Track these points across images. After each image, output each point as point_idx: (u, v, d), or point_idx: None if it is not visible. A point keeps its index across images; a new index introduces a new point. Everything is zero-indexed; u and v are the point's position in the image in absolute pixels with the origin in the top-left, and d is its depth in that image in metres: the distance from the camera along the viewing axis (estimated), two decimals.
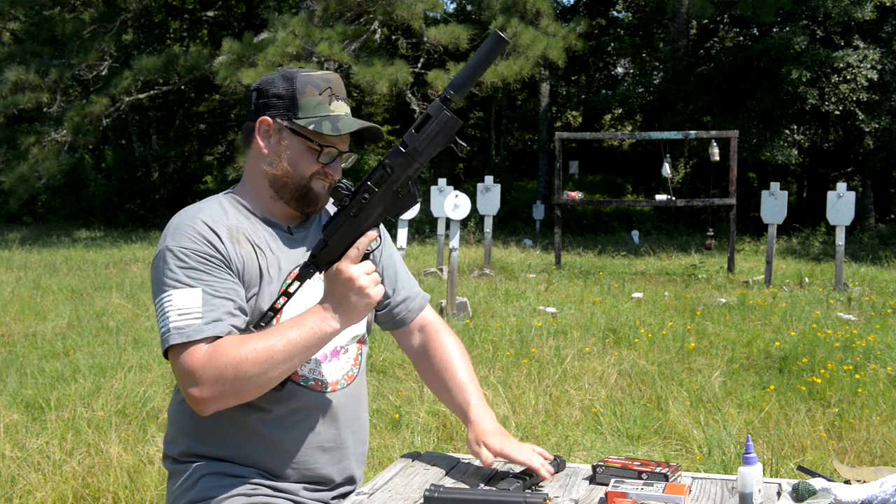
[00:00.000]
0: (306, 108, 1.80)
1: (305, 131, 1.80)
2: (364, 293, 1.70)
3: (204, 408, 1.69)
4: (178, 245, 1.74)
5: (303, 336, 1.70)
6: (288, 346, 1.68)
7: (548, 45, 16.10)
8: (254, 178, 1.88)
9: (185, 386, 1.69)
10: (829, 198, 10.44)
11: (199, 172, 25.79)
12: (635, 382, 5.50)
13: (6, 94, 17.27)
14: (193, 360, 1.67)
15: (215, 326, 1.69)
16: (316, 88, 1.81)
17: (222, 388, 1.67)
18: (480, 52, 1.67)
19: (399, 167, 1.70)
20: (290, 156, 1.82)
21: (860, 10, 18.35)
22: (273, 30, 16.13)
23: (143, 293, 9.45)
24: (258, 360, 1.66)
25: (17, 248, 15.59)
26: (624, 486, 1.71)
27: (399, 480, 1.90)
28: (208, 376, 1.66)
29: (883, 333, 6.91)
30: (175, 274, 1.72)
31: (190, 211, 1.82)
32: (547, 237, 18.80)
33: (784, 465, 3.94)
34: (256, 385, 1.69)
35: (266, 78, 1.86)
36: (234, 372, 1.66)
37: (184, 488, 1.84)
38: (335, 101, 1.83)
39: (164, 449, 1.94)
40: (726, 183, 12.73)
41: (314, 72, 1.84)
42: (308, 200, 1.86)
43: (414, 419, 4.57)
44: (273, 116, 1.82)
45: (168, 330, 1.68)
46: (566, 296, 9.48)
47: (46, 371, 5.79)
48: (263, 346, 1.67)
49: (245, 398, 1.73)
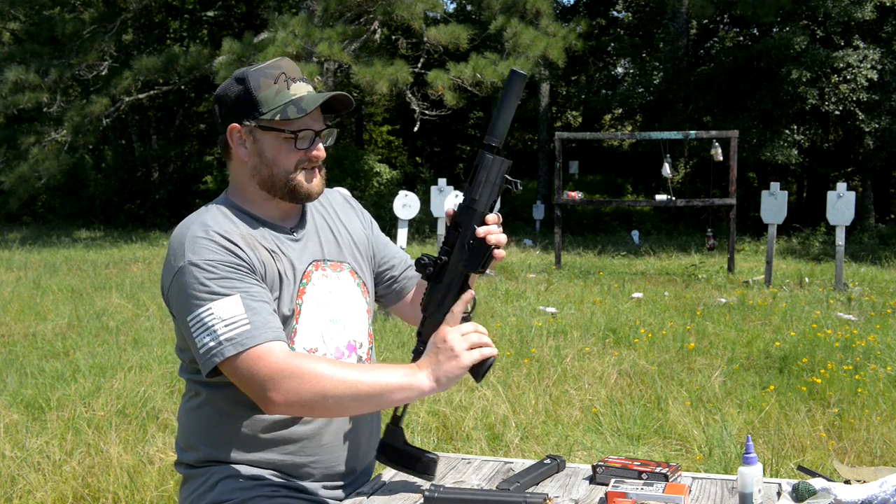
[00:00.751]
0: (267, 102, 1.78)
1: (273, 123, 1.78)
2: (453, 353, 1.68)
3: (275, 410, 1.68)
4: (201, 258, 1.71)
5: (390, 383, 1.67)
6: (376, 385, 1.67)
7: (548, 45, 16.10)
8: (243, 185, 1.86)
9: (259, 390, 1.65)
10: (829, 198, 10.43)
11: (199, 172, 25.78)
12: (635, 382, 5.50)
13: (6, 94, 17.28)
14: (267, 366, 1.64)
15: (266, 330, 1.67)
16: (270, 79, 1.79)
17: (298, 400, 1.65)
18: (504, 93, 1.69)
19: (464, 222, 1.73)
20: (269, 153, 1.80)
21: (860, 10, 18.35)
22: (273, 30, 16.13)
23: (143, 293, 9.45)
24: (343, 386, 1.65)
25: (17, 248, 15.58)
26: (624, 486, 1.71)
27: (399, 480, 1.90)
28: (286, 387, 1.64)
29: (883, 333, 6.91)
30: (208, 286, 1.68)
31: (197, 223, 1.78)
32: (547, 237, 18.79)
33: (784, 465, 3.94)
34: (331, 408, 1.69)
35: (222, 86, 1.84)
36: (314, 390, 1.65)
37: (202, 491, 1.83)
38: (293, 84, 1.80)
39: (178, 455, 1.92)
40: (726, 183, 12.74)
41: (263, 63, 1.82)
42: (299, 192, 1.84)
43: (414, 419, 4.57)
44: (240, 121, 1.80)
45: (219, 343, 1.65)
46: (566, 296, 9.48)
47: (46, 371, 5.78)
48: (352, 378, 1.66)
49: (317, 415, 1.76)
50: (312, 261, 1.88)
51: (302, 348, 1.82)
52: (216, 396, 1.82)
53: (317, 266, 1.89)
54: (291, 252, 1.85)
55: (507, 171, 1.71)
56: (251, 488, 1.80)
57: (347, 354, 1.89)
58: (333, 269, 1.92)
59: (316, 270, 1.88)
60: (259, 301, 1.70)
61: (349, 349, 1.90)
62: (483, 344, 1.70)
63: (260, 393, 1.65)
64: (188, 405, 1.89)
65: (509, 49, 16.59)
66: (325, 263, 1.91)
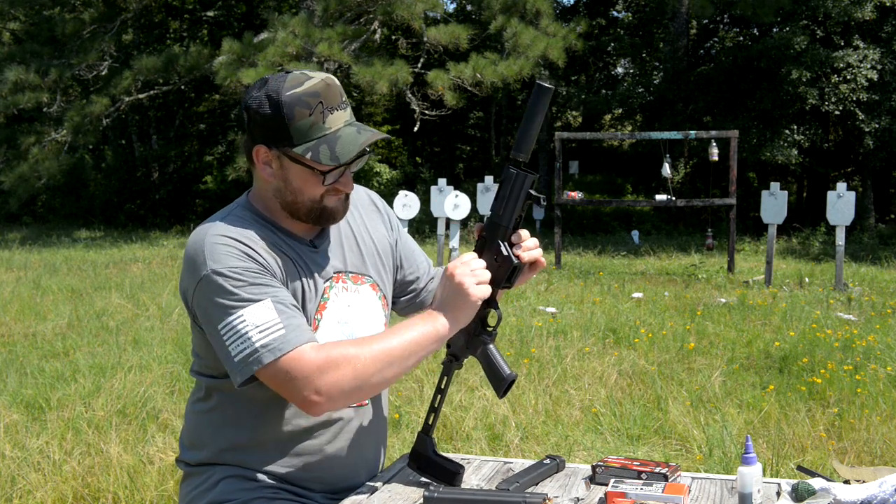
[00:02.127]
0: (300, 133, 1.68)
1: (303, 160, 1.71)
2: (462, 289, 1.71)
3: (320, 410, 1.67)
4: (225, 266, 1.66)
5: (415, 337, 1.70)
6: (403, 344, 1.69)
7: (548, 45, 16.10)
8: (266, 196, 1.80)
9: (300, 393, 1.64)
10: (829, 198, 10.43)
11: (199, 172, 25.77)
12: (635, 382, 5.50)
13: (6, 94, 17.27)
14: (304, 367, 1.63)
15: (300, 332, 1.65)
16: (306, 108, 1.68)
17: (341, 390, 1.65)
18: (530, 106, 1.70)
19: (490, 237, 1.75)
20: (295, 183, 1.74)
21: (860, 10, 18.35)
22: (273, 30, 16.13)
23: (143, 293, 9.45)
24: (376, 359, 1.66)
25: (17, 248, 15.58)
26: (623, 486, 1.71)
27: (399, 480, 1.90)
28: (327, 381, 1.63)
29: (883, 333, 6.91)
30: (236, 294, 1.64)
31: (216, 229, 1.73)
32: (547, 237, 18.77)
33: (784, 465, 3.94)
34: (374, 385, 1.68)
35: (252, 95, 1.72)
36: (352, 374, 1.64)
37: (203, 489, 1.83)
38: (329, 115, 1.70)
39: (181, 452, 1.91)
40: (726, 183, 12.73)
41: (300, 87, 1.68)
42: (325, 216, 1.80)
43: (414, 419, 4.57)
44: (268, 145, 1.72)
45: (256, 350, 1.62)
46: (566, 296, 9.48)
47: (46, 371, 5.78)
48: (380, 348, 1.67)
49: (360, 398, 1.76)
50: (334, 272, 1.85)
51: None
52: (226, 403, 1.81)
53: (338, 278, 1.85)
54: (312, 263, 1.82)
55: (533, 185, 1.72)
56: (253, 489, 1.80)
57: None
58: (354, 282, 1.89)
59: (337, 283, 1.85)
60: (288, 304, 1.68)
61: None
62: (480, 280, 1.73)
63: (300, 396, 1.64)
64: (197, 406, 1.88)
65: (509, 49, 16.58)
66: (347, 275, 1.88)
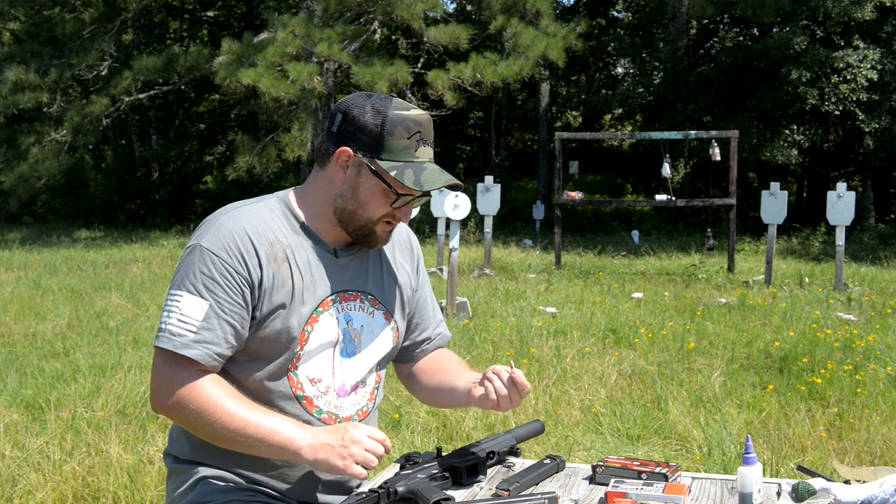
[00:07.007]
0: (391, 151, 1.71)
1: (386, 176, 1.72)
2: (344, 451, 1.65)
3: (156, 411, 1.76)
4: (210, 249, 1.70)
5: (272, 440, 1.67)
6: (259, 433, 1.68)
7: (548, 45, 16.10)
8: (318, 198, 1.80)
9: (157, 389, 1.71)
10: (829, 198, 10.44)
11: (199, 172, 25.79)
12: (635, 382, 5.50)
13: (6, 94, 17.27)
14: (173, 376, 1.69)
15: (202, 348, 1.68)
16: (406, 131, 1.71)
17: (179, 419, 1.73)
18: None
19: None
20: (364, 194, 1.75)
21: (860, 10, 18.36)
22: (273, 30, 16.14)
23: (143, 293, 9.45)
24: (225, 428, 1.67)
25: (17, 248, 15.58)
26: (624, 486, 1.71)
27: None
28: (176, 406, 1.69)
29: (883, 333, 6.91)
30: (195, 277, 1.70)
31: (237, 214, 1.76)
32: (547, 237, 18.80)
33: (784, 465, 3.94)
34: (204, 435, 1.73)
35: (356, 102, 1.75)
36: (195, 421, 1.69)
37: (183, 490, 1.85)
38: (422, 147, 1.74)
39: (168, 445, 1.93)
40: (726, 183, 12.73)
41: (407, 111, 1.73)
42: (370, 239, 1.81)
43: (414, 419, 4.57)
44: (355, 150, 1.73)
45: (163, 329, 1.69)
46: (566, 296, 9.48)
47: (46, 371, 5.78)
48: (237, 424, 1.67)
49: (194, 434, 1.78)
50: (348, 290, 1.84)
51: (305, 377, 1.80)
52: None
53: (355, 296, 1.85)
54: (322, 274, 1.80)
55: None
56: (230, 491, 1.81)
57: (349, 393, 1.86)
58: (373, 305, 1.88)
59: (354, 301, 1.84)
60: (223, 319, 1.69)
61: (352, 388, 1.87)
62: (367, 463, 1.65)
63: (155, 390, 1.72)
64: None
65: (509, 49, 16.59)
66: (366, 297, 1.87)
